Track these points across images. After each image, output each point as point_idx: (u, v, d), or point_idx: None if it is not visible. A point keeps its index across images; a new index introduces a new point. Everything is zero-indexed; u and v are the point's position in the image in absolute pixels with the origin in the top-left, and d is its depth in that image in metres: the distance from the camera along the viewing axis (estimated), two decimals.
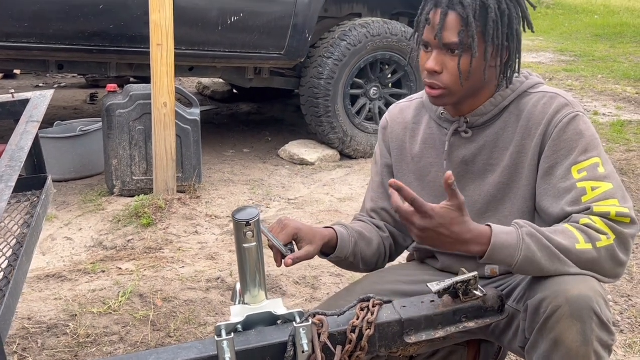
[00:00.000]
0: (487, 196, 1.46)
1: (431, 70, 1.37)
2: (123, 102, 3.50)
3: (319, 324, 1.21)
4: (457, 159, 1.48)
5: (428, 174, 1.54)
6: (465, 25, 1.32)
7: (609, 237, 1.25)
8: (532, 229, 1.27)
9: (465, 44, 1.33)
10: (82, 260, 2.84)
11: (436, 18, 1.34)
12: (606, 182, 1.31)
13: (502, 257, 1.26)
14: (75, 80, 6.86)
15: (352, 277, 2.70)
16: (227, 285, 2.60)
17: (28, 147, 1.54)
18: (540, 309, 1.22)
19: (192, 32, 3.77)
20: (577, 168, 1.32)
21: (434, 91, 1.40)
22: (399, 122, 1.61)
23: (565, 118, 1.36)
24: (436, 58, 1.37)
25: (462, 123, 1.46)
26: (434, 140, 1.53)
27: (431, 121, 1.55)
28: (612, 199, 1.29)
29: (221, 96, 6.15)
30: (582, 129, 1.35)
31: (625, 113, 5.73)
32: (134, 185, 3.55)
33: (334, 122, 4.33)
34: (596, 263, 1.25)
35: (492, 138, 1.44)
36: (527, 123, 1.40)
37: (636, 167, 4.14)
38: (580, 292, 1.20)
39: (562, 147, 1.34)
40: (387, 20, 4.42)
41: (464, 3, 1.32)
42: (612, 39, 10.08)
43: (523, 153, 1.40)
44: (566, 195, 1.32)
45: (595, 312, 1.19)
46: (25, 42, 3.48)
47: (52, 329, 2.26)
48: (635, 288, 2.66)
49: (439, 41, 1.34)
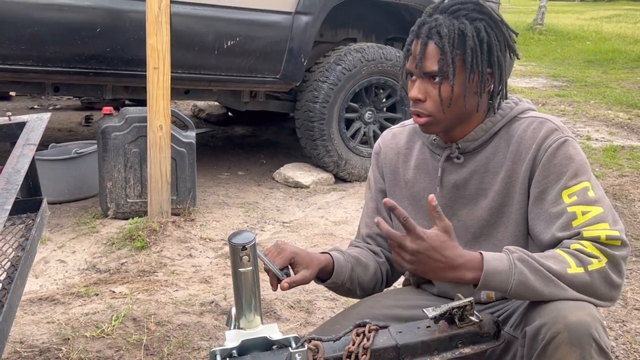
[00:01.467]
0: (481, 220, 1.47)
1: (414, 99, 1.42)
2: (119, 125, 3.51)
3: (314, 349, 1.20)
4: (449, 184, 1.50)
5: (421, 199, 1.55)
6: (442, 54, 1.37)
7: (600, 260, 1.26)
8: (523, 254, 1.27)
9: (444, 72, 1.37)
10: (75, 283, 2.82)
11: (417, 48, 1.41)
12: (596, 206, 1.32)
13: (496, 284, 1.26)
14: (70, 103, 6.87)
15: (347, 302, 2.69)
16: (221, 309, 2.58)
17: (24, 170, 1.55)
18: (538, 335, 1.22)
19: (188, 55, 3.79)
20: (568, 192, 1.33)
21: (420, 119, 1.44)
22: (392, 148, 1.63)
23: (555, 143, 1.37)
24: (419, 86, 1.41)
25: (454, 149, 1.48)
26: (426, 166, 1.55)
27: (424, 147, 1.57)
28: (602, 223, 1.30)
29: (216, 119, 6.17)
30: (572, 154, 1.36)
31: (617, 138, 5.77)
32: (128, 208, 3.54)
33: (329, 146, 4.35)
34: (589, 286, 1.25)
35: (483, 163, 1.46)
36: (517, 147, 1.42)
37: (629, 192, 4.16)
38: (579, 318, 1.20)
39: (552, 172, 1.36)
40: (381, 45, 4.46)
41: (441, 33, 1.37)
42: (604, 65, 10.20)
43: (514, 177, 1.42)
44: (557, 220, 1.33)
45: (594, 339, 1.19)
46: (22, 65, 3.50)
47: (45, 353, 2.24)
48: (629, 313, 2.65)
49: (420, 70, 1.39)
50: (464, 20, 1.39)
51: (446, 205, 1.50)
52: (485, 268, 1.25)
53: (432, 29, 1.39)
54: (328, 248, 1.60)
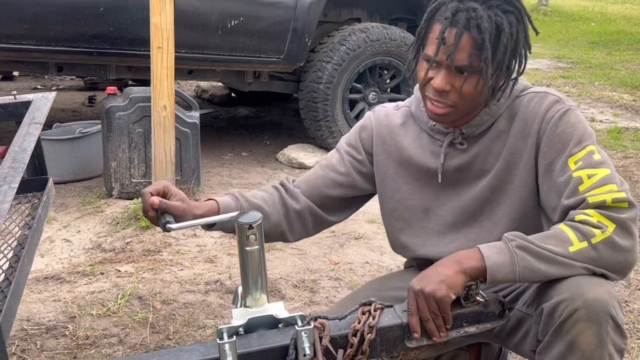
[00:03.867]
0: (481, 199, 1.46)
1: (441, 90, 1.36)
2: (123, 105, 3.51)
3: (320, 327, 1.21)
4: (451, 168, 1.48)
5: (418, 179, 1.53)
6: (479, 49, 1.31)
7: (604, 230, 1.25)
8: (521, 241, 1.27)
9: (475, 67, 1.32)
10: (80, 262, 2.84)
11: (450, 37, 1.32)
12: (602, 167, 1.31)
13: (502, 276, 1.26)
14: (73, 83, 6.85)
15: (350, 282, 2.71)
16: (226, 288, 2.60)
17: (31, 149, 1.55)
18: (556, 311, 1.22)
19: (192, 35, 3.77)
20: (574, 159, 1.33)
21: (439, 109, 1.39)
22: (385, 125, 1.58)
23: (557, 113, 1.36)
24: (445, 77, 1.35)
25: (457, 135, 1.46)
26: (424, 149, 1.52)
27: (421, 132, 1.53)
28: (609, 184, 1.29)
29: (220, 100, 6.15)
30: (574, 122, 1.36)
31: (622, 120, 5.75)
32: (133, 188, 3.55)
33: (333, 127, 4.34)
34: (597, 260, 1.25)
35: (486, 145, 1.45)
36: (519, 124, 1.41)
37: (633, 174, 4.16)
38: (597, 295, 1.20)
39: (557, 142, 1.35)
40: (386, 25, 4.44)
41: (481, 27, 1.30)
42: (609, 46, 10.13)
43: (516, 154, 1.41)
44: (565, 188, 1.32)
45: (612, 316, 1.20)
46: (25, 44, 3.49)
47: (51, 331, 2.26)
48: (633, 294, 2.67)
49: (452, 62, 1.32)
50: (499, 13, 1.33)
51: (447, 187, 1.49)
52: (487, 264, 1.26)
53: (470, 19, 1.30)
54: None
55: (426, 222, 1.53)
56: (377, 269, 2.87)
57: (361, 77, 4.42)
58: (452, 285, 1.26)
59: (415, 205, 1.54)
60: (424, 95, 1.42)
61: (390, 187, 1.57)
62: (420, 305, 1.26)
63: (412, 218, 1.55)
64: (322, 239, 3.15)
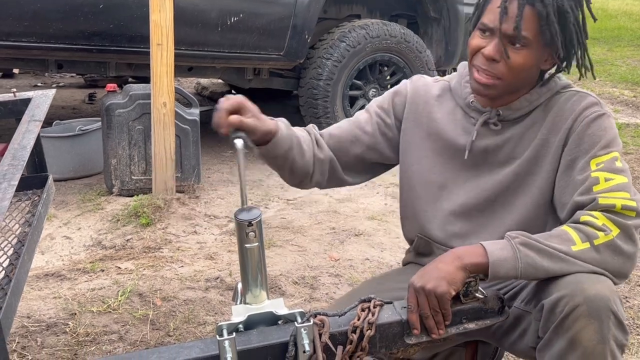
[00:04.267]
0: (500, 186, 1.46)
1: (490, 58, 1.36)
2: (122, 102, 3.51)
3: (320, 324, 1.21)
4: (480, 147, 1.47)
5: (442, 154, 1.52)
6: (540, 22, 1.32)
7: (607, 233, 1.25)
8: (525, 238, 1.27)
9: (530, 41, 1.32)
10: (81, 259, 2.84)
11: (513, 8, 1.32)
12: (621, 175, 1.32)
13: (504, 272, 1.26)
14: (73, 80, 6.85)
15: (350, 278, 2.71)
16: (226, 285, 2.60)
17: (30, 146, 1.55)
18: (557, 307, 1.22)
19: (191, 32, 3.77)
20: (596, 161, 1.33)
21: (484, 79, 1.38)
22: (421, 94, 1.57)
23: (593, 114, 1.37)
24: (497, 47, 1.35)
25: (493, 115, 1.45)
26: (455, 125, 1.51)
27: (456, 107, 1.52)
28: (623, 192, 1.29)
29: (220, 97, 6.07)
30: (607, 126, 1.37)
31: (622, 116, 5.75)
32: (133, 185, 3.55)
33: (333, 123, 4.31)
34: (599, 262, 1.25)
35: (519, 132, 1.44)
36: (554, 118, 1.41)
37: (634, 170, 4.16)
38: (598, 291, 1.20)
39: (585, 141, 1.35)
40: (386, 22, 4.43)
41: (545, 1, 1.31)
42: (610, 42, 10.11)
43: (546, 147, 1.41)
44: (580, 186, 1.33)
45: (613, 311, 1.20)
46: (25, 41, 3.48)
47: (52, 328, 2.26)
48: (633, 290, 2.67)
49: (518, 32, 1.32)
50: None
51: (470, 168, 1.48)
52: (490, 260, 1.26)
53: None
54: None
55: (439, 199, 1.53)
56: (378, 265, 2.87)
57: (361, 73, 4.41)
58: (453, 281, 1.26)
59: (432, 180, 1.53)
60: (472, 65, 1.41)
61: (412, 157, 1.56)
62: (421, 302, 1.26)
63: (427, 192, 1.54)
64: (322, 235, 3.15)
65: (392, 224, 3.33)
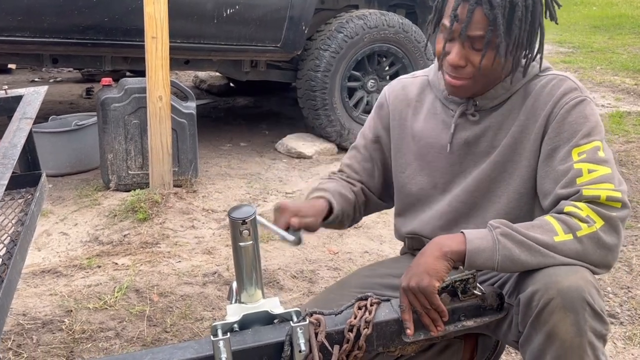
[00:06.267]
0: (485, 177, 1.44)
1: (455, 65, 1.35)
2: (118, 96, 3.48)
3: (316, 323, 1.19)
4: (460, 140, 1.46)
5: (427, 154, 1.52)
6: (492, 25, 1.29)
7: (590, 225, 1.23)
8: (506, 229, 1.25)
9: (490, 42, 1.31)
10: (77, 255, 2.82)
11: (463, 13, 1.31)
12: (604, 166, 1.29)
13: (481, 262, 1.24)
14: (71, 75, 6.81)
15: (349, 271, 2.69)
16: (223, 280, 2.59)
17: (21, 145, 1.53)
18: (532, 302, 1.21)
19: (187, 24, 3.73)
20: (578, 151, 1.31)
21: (457, 81, 1.38)
22: (401, 100, 1.59)
23: (572, 101, 1.34)
24: (459, 52, 1.34)
25: (470, 106, 1.44)
26: (437, 120, 1.51)
27: (436, 100, 1.52)
28: (607, 183, 1.27)
29: (218, 90, 6.11)
30: (587, 113, 1.34)
31: (624, 104, 5.71)
32: (130, 180, 3.53)
33: (331, 115, 4.30)
34: (580, 253, 1.23)
35: (498, 120, 1.43)
36: (532, 103, 1.39)
37: (635, 159, 4.13)
38: (572, 283, 1.19)
39: (566, 130, 1.33)
40: (384, 12, 4.39)
41: (493, 2, 1.29)
42: (611, 30, 10.06)
43: (525, 133, 1.39)
44: (563, 177, 1.31)
45: (588, 302, 1.18)
46: (19, 36, 3.45)
47: (47, 325, 2.25)
48: (634, 280, 2.65)
49: (463, 37, 1.31)
50: None
51: (455, 162, 1.48)
52: (468, 247, 1.24)
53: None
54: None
55: (432, 199, 1.52)
56: (377, 258, 2.85)
57: (359, 64, 4.38)
58: (434, 272, 1.24)
59: (424, 181, 1.53)
60: (441, 67, 1.41)
61: (402, 162, 1.57)
62: (411, 300, 1.24)
63: (421, 194, 1.54)
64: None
65: (391, 215, 3.29)
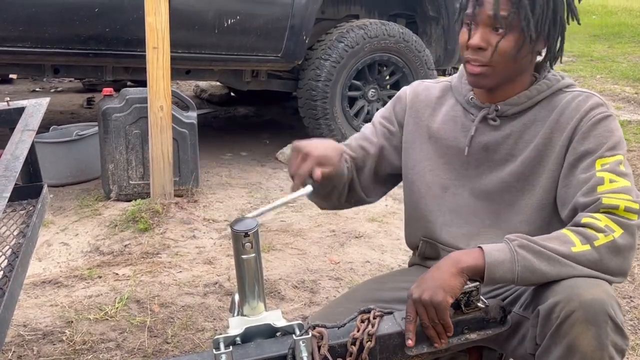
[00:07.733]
0: (503, 185, 1.44)
1: (475, 46, 1.37)
2: (119, 106, 3.48)
3: (318, 336, 1.19)
4: (479, 145, 1.46)
5: (443, 155, 1.52)
6: (515, 6, 1.32)
7: (607, 234, 1.24)
8: (523, 240, 1.25)
9: (511, 24, 1.33)
10: (78, 265, 2.81)
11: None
12: (625, 179, 1.31)
13: (501, 274, 1.24)
14: (72, 85, 6.82)
15: (351, 281, 2.69)
16: (225, 290, 2.58)
17: (23, 157, 1.53)
18: (552, 313, 1.20)
19: (188, 34, 3.74)
20: (602, 162, 1.32)
21: (475, 68, 1.39)
22: (422, 99, 1.58)
23: (599, 115, 1.36)
24: (481, 35, 1.36)
25: (492, 110, 1.45)
26: (455, 123, 1.51)
27: (457, 104, 1.53)
28: (626, 194, 1.29)
29: (219, 99, 6.12)
30: (613, 128, 1.36)
31: (624, 113, 5.72)
32: (131, 190, 3.53)
33: (332, 125, 4.31)
34: (598, 263, 1.23)
35: (519, 129, 1.43)
36: (558, 117, 1.40)
37: (636, 167, 4.13)
38: (594, 296, 1.18)
39: (591, 142, 1.35)
40: (384, 22, 4.40)
41: None
42: (610, 39, 10.09)
43: (550, 146, 1.40)
44: (584, 185, 1.32)
45: (610, 316, 1.17)
46: (20, 46, 3.46)
47: (48, 336, 2.24)
48: (637, 289, 2.64)
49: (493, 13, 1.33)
50: None
51: (472, 167, 1.47)
52: (487, 260, 1.23)
53: None
54: None
55: (443, 201, 1.52)
56: (378, 268, 2.84)
57: (360, 74, 4.39)
58: (449, 288, 1.23)
59: (435, 182, 1.53)
60: (465, 60, 1.42)
61: (413, 159, 1.56)
62: (420, 312, 1.23)
63: (430, 194, 1.53)
64: (322, 238, 3.13)
65: (393, 225, 3.31)
